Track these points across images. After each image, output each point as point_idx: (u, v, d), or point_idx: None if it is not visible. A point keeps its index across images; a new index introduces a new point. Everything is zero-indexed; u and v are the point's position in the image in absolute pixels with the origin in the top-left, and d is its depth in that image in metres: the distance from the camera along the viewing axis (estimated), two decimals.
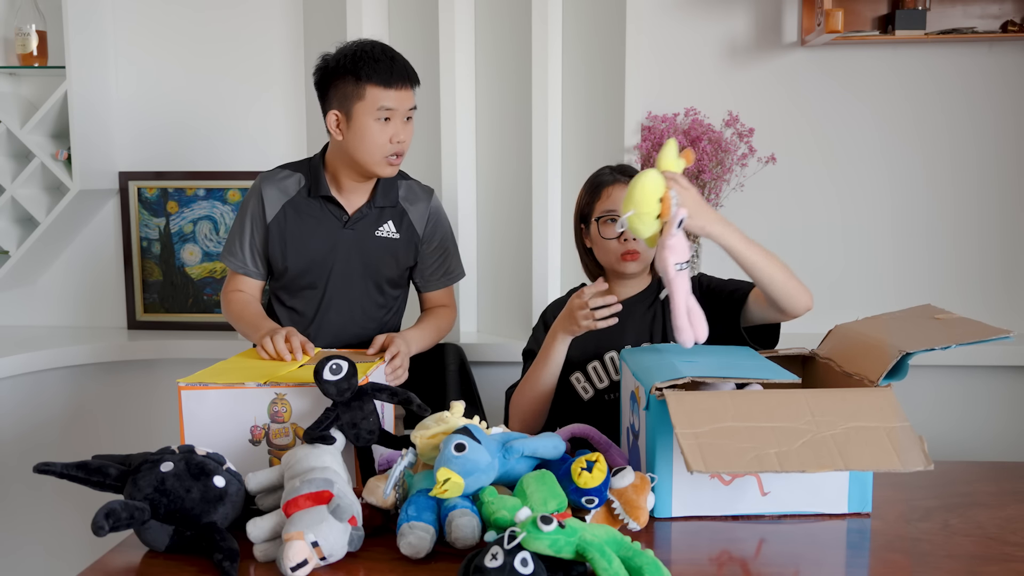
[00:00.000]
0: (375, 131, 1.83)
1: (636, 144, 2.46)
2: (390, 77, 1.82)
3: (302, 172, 1.97)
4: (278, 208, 1.94)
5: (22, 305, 2.81)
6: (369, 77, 1.81)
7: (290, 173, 1.98)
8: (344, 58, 1.83)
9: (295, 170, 1.98)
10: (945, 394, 2.44)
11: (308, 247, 1.94)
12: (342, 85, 1.83)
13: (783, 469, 1.20)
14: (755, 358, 1.51)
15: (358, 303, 1.98)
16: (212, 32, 2.67)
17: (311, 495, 1.17)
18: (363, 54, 1.82)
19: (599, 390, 1.78)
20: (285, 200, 1.95)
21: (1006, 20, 2.39)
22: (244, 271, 1.97)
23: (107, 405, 2.67)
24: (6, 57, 2.65)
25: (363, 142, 1.84)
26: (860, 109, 2.52)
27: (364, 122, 1.83)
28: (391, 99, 1.82)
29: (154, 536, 1.20)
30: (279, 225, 1.94)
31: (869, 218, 2.56)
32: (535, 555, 1.05)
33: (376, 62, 1.81)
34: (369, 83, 1.81)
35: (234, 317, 1.94)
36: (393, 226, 1.97)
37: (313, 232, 1.94)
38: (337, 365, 1.36)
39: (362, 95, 1.82)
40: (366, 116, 1.82)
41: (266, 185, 1.96)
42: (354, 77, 1.81)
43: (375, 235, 1.96)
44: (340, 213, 1.95)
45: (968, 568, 1.18)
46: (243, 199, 1.98)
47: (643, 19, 2.44)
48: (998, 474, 1.56)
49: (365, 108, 1.82)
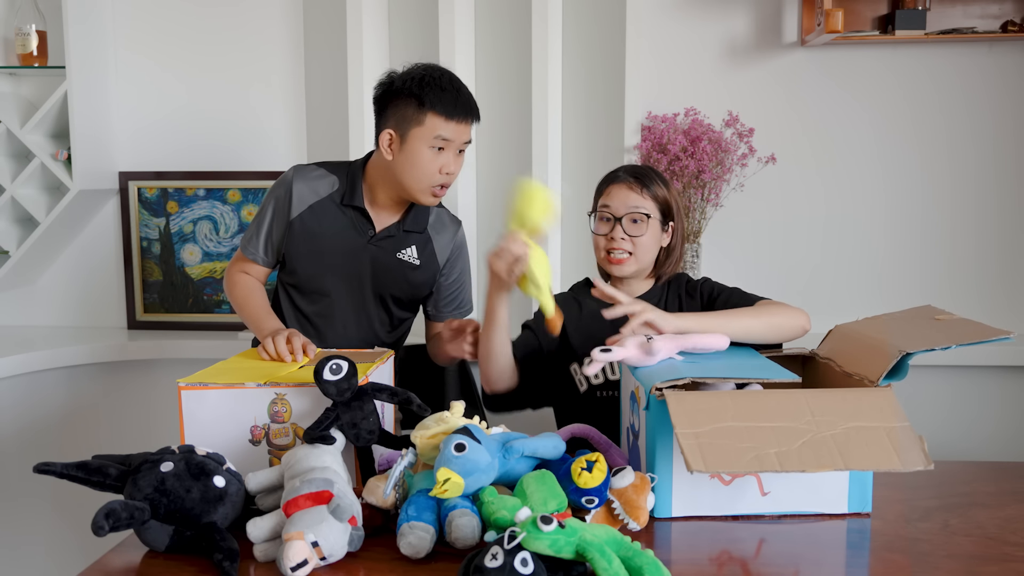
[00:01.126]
0: (426, 159, 1.79)
1: (636, 144, 2.46)
2: (453, 109, 1.78)
3: (338, 176, 1.92)
4: (305, 206, 1.89)
5: (22, 305, 2.81)
6: (432, 105, 1.77)
7: (325, 174, 1.92)
8: (411, 80, 1.79)
9: (332, 171, 1.92)
10: (945, 394, 2.44)
11: (326, 253, 1.90)
12: (403, 106, 1.79)
13: (783, 469, 1.20)
14: (755, 358, 1.51)
15: (364, 318, 1.95)
16: (212, 32, 2.67)
17: (311, 495, 1.17)
18: (430, 80, 1.78)
19: (593, 385, 1.78)
20: (315, 200, 1.89)
21: (1006, 20, 2.39)
22: (254, 257, 1.94)
23: (107, 405, 2.67)
24: (6, 57, 2.65)
25: (413, 168, 1.80)
26: (860, 109, 2.52)
27: (417, 147, 1.79)
28: (450, 131, 1.79)
29: (154, 536, 1.20)
30: (302, 223, 1.89)
31: (869, 218, 2.56)
32: (535, 555, 1.05)
33: (443, 91, 1.77)
34: (431, 111, 1.77)
35: (238, 302, 1.91)
36: (416, 252, 1.93)
37: (335, 240, 1.89)
38: (337, 365, 1.36)
39: (421, 121, 1.78)
40: (421, 142, 1.78)
41: (298, 180, 1.90)
42: (417, 101, 1.77)
43: (396, 257, 1.92)
44: (367, 227, 1.90)
45: (968, 568, 1.18)
46: (271, 188, 1.94)
47: (643, 19, 2.44)
48: (998, 474, 1.56)
49: (422, 134, 1.78)
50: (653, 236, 1.76)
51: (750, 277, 2.54)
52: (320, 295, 1.94)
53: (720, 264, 2.54)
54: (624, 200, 1.75)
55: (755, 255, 2.57)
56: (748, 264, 2.56)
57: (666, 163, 2.39)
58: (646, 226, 1.74)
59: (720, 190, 2.44)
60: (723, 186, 2.45)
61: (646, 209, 1.74)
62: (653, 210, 1.75)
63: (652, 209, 1.75)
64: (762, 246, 2.58)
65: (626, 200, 1.75)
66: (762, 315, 1.59)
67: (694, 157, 2.38)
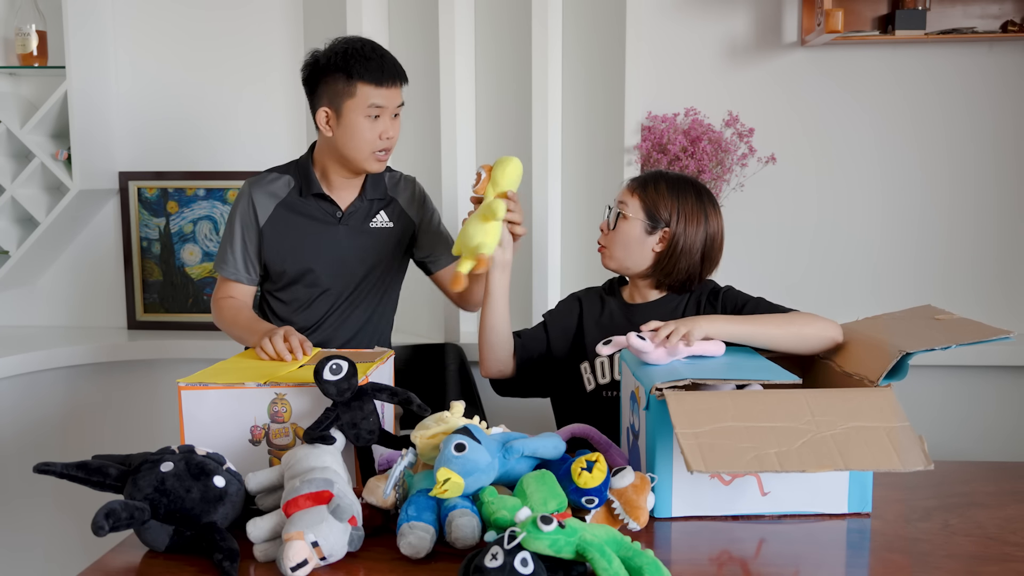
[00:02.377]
0: (365, 128, 1.85)
1: (636, 144, 2.46)
2: (381, 76, 1.83)
3: (290, 174, 1.98)
4: (270, 210, 1.94)
5: (22, 305, 2.81)
6: (360, 75, 1.82)
7: (278, 175, 1.98)
8: (335, 55, 1.84)
9: (282, 172, 1.99)
10: (945, 394, 2.44)
11: (305, 245, 1.94)
12: (332, 82, 1.84)
13: (783, 469, 1.20)
14: (756, 359, 1.51)
15: (359, 296, 1.99)
16: (212, 32, 2.67)
17: (311, 495, 1.17)
18: (354, 52, 1.83)
19: (600, 385, 1.78)
20: (276, 202, 1.95)
21: (1006, 20, 2.39)
22: (236, 277, 1.96)
23: (107, 405, 2.67)
24: (6, 57, 2.65)
25: (353, 139, 1.85)
26: (860, 109, 2.52)
27: (354, 119, 1.84)
28: (381, 97, 1.84)
29: (154, 536, 1.20)
30: (274, 227, 1.94)
31: (869, 218, 2.56)
32: (535, 555, 1.05)
33: (367, 60, 1.82)
34: (360, 81, 1.82)
35: (227, 323, 1.93)
36: (386, 216, 1.99)
37: (309, 230, 1.94)
38: (337, 365, 1.36)
39: (353, 93, 1.83)
40: (356, 113, 1.84)
41: (255, 189, 1.96)
42: (345, 75, 1.82)
43: (370, 227, 1.97)
44: (333, 209, 1.95)
45: (968, 568, 1.18)
46: (232, 206, 1.99)
47: (643, 19, 2.44)
48: (998, 474, 1.56)
49: (355, 105, 1.83)
50: (630, 235, 1.74)
51: (750, 277, 2.54)
52: (310, 288, 1.96)
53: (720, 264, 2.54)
54: (618, 196, 1.79)
55: (755, 255, 2.57)
56: (748, 264, 2.56)
57: (666, 163, 2.39)
58: (623, 223, 1.74)
59: (720, 190, 2.44)
60: (723, 186, 2.45)
61: (625, 207, 1.75)
62: (636, 210, 1.73)
63: (635, 209, 1.73)
64: (762, 246, 2.57)
65: (619, 196, 1.79)
66: (792, 325, 1.57)
67: (694, 157, 2.38)
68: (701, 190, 1.77)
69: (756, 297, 1.75)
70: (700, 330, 1.49)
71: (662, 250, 1.74)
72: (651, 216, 1.73)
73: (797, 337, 1.56)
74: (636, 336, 1.46)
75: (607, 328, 1.75)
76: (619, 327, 1.65)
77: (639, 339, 1.45)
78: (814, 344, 1.57)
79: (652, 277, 1.78)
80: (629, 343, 1.46)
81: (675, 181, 1.77)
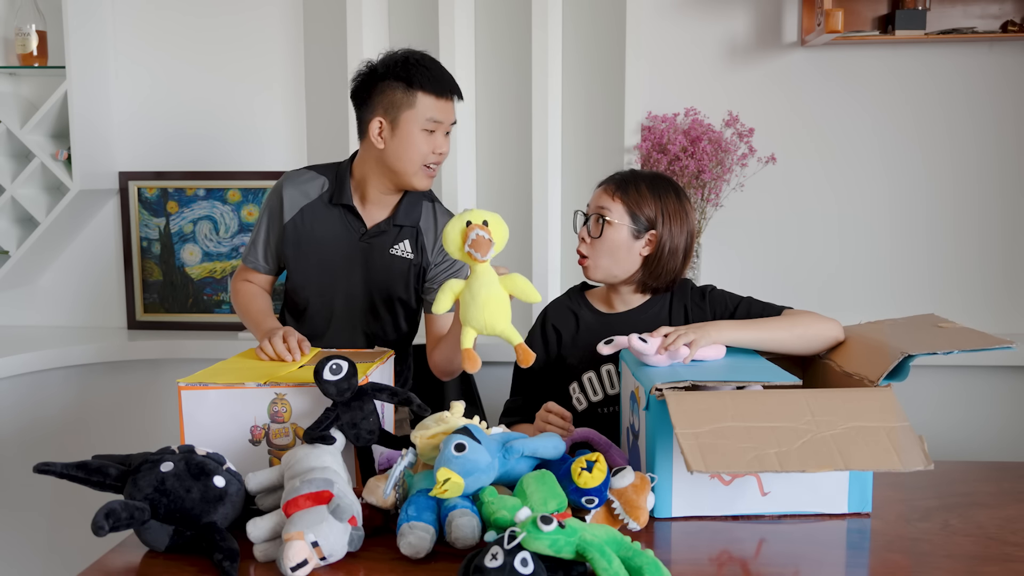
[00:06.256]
0: (420, 141, 1.80)
1: (636, 144, 2.46)
2: (441, 87, 1.79)
3: (328, 177, 1.92)
4: (296, 210, 1.91)
5: (22, 305, 2.81)
6: (421, 85, 1.78)
7: (315, 176, 1.93)
8: (395, 65, 1.79)
9: (321, 173, 1.94)
10: (945, 394, 2.44)
11: (319, 254, 1.91)
12: (390, 92, 1.79)
13: (783, 469, 1.20)
14: (755, 360, 1.51)
15: (360, 319, 1.94)
16: (212, 32, 2.67)
17: (311, 495, 1.17)
18: (415, 62, 1.79)
19: (592, 403, 1.73)
20: (305, 203, 1.91)
21: (1006, 20, 2.39)
22: (255, 265, 1.97)
23: (107, 405, 2.67)
24: (6, 57, 2.65)
25: (407, 151, 1.80)
26: (860, 109, 2.52)
27: (410, 130, 1.79)
28: (439, 110, 1.80)
29: (154, 536, 1.20)
30: (295, 227, 1.91)
31: (869, 218, 2.56)
32: (535, 555, 1.05)
33: (429, 71, 1.79)
34: (421, 91, 1.78)
35: (241, 307, 1.94)
36: (409, 246, 1.91)
37: (326, 240, 1.90)
38: (337, 365, 1.36)
39: (412, 103, 1.78)
40: (413, 125, 1.79)
41: (288, 185, 1.92)
42: (405, 84, 1.78)
43: (389, 252, 1.91)
44: (358, 225, 1.90)
45: (968, 568, 1.18)
46: (266, 195, 1.97)
47: (643, 19, 2.44)
48: (998, 474, 1.56)
49: (414, 117, 1.78)
50: (617, 242, 1.67)
51: (750, 277, 2.54)
52: (315, 298, 1.93)
53: (720, 264, 2.54)
54: (595, 201, 1.72)
55: (755, 255, 2.57)
56: (748, 264, 2.56)
57: (666, 163, 2.39)
58: (608, 229, 1.67)
59: (720, 190, 2.44)
60: (723, 186, 2.45)
61: (609, 212, 1.67)
62: (620, 215, 1.67)
63: (619, 214, 1.67)
64: (762, 246, 2.57)
65: (597, 201, 1.71)
66: (796, 326, 1.57)
67: (694, 157, 2.38)
68: (676, 186, 1.73)
69: (745, 297, 1.72)
70: (708, 338, 1.48)
71: (649, 253, 1.69)
72: (636, 219, 1.67)
73: (803, 338, 1.56)
74: (637, 338, 1.45)
75: (591, 345, 1.60)
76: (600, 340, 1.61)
77: (640, 341, 1.45)
78: (819, 344, 1.57)
79: (637, 282, 1.73)
80: (630, 344, 1.46)
81: (652, 180, 1.71)
